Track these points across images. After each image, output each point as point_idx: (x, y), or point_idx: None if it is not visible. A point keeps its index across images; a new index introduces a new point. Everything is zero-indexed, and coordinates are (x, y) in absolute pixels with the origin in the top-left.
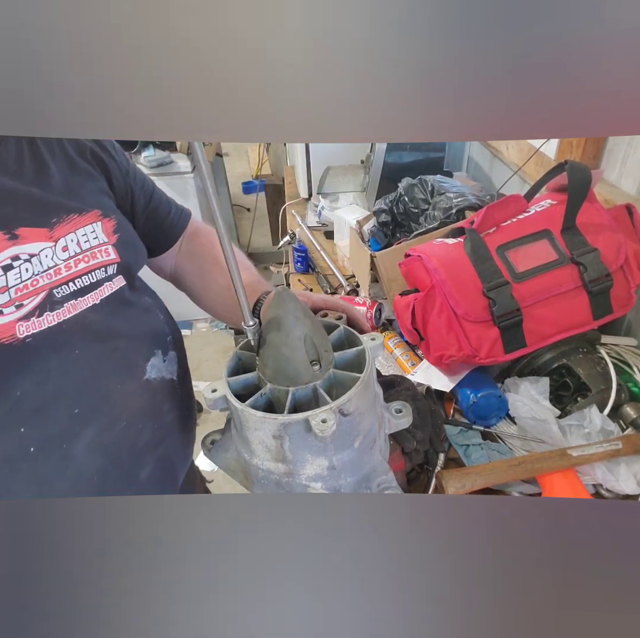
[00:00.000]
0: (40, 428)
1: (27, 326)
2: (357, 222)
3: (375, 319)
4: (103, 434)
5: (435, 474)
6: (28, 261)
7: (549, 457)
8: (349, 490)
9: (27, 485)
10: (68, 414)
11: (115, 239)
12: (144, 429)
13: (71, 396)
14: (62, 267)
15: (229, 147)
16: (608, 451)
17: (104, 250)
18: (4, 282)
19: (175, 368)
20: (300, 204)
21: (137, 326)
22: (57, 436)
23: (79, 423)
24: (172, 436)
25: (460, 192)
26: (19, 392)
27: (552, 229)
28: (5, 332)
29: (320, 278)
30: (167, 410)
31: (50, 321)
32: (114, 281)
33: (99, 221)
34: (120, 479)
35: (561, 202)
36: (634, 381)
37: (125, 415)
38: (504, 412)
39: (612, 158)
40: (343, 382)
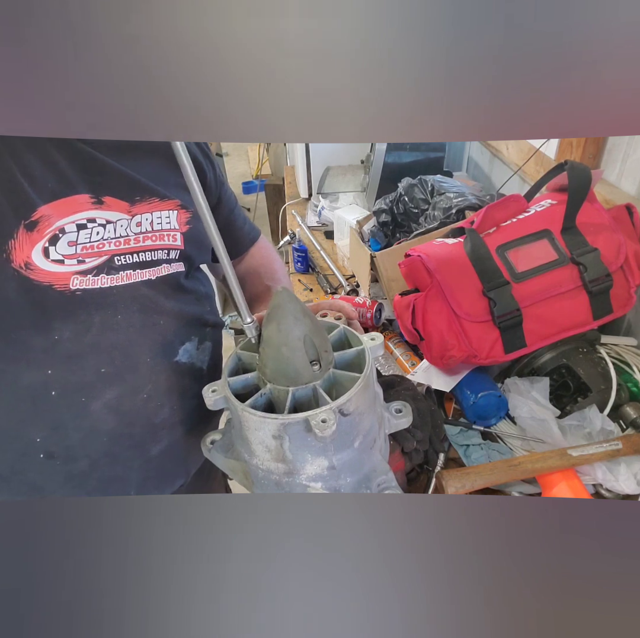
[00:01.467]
0: (65, 376)
1: (82, 281)
2: (357, 222)
3: (375, 319)
4: (122, 399)
5: (435, 474)
6: (102, 226)
7: (549, 457)
8: (348, 490)
9: (42, 425)
10: (94, 371)
11: (186, 229)
12: (163, 406)
13: (102, 355)
14: (131, 239)
15: (229, 147)
16: (608, 451)
17: (172, 235)
18: (74, 237)
19: (207, 358)
20: (300, 204)
21: (182, 309)
22: (79, 388)
23: (102, 382)
24: (191, 422)
25: (460, 192)
26: (57, 336)
27: (552, 229)
28: (60, 280)
29: (320, 278)
30: (191, 395)
31: (104, 282)
32: (173, 265)
33: (176, 210)
34: (130, 448)
35: (561, 202)
36: (634, 381)
37: (148, 388)
38: (504, 412)
39: (612, 158)
40: (343, 382)
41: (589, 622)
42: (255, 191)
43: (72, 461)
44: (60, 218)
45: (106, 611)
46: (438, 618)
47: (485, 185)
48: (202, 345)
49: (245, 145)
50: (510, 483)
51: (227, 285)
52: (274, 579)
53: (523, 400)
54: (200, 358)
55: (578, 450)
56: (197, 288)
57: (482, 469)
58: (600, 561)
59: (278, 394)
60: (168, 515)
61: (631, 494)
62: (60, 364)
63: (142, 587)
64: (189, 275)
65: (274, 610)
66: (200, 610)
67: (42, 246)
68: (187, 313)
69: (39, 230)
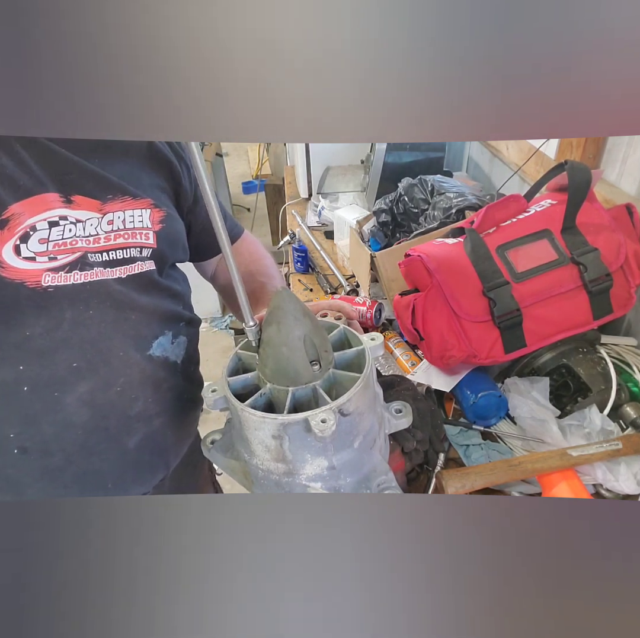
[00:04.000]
0: (37, 371)
1: (53, 277)
2: (357, 222)
3: (375, 319)
4: (95, 393)
5: (435, 474)
6: (73, 224)
7: (549, 457)
8: (348, 490)
9: (15, 420)
10: (66, 365)
11: (158, 228)
12: (137, 399)
13: (74, 350)
14: (102, 237)
15: (229, 147)
16: (608, 451)
17: (144, 234)
18: (46, 235)
19: (183, 353)
20: (300, 204)
21: (156, 305)
22: (51, 382)
23: (75, 376)
24: (167, 415)
25: (460, 192)
26: (29, 332)
27: (552, 229)
28: (31, 277)
29: (320, 278)
30: (167, 388)
31: (77, 279)
32: (147, 262)
33: (149, 209)
34: (105, 440)
35: (561, 202)
36: (634, 381)
37: (121, 381)
38: (504, 412)
39: (612, 158)
40: (343, 382)
41: (589, 622)
42: (255, 191)
43: (47, 456)
44: (31, 216)
45: (94, 612)
46: (438, 619)
47: (485, 185)
48: (177, 339)
49: (245, 145)
50: (510, 483)
51: (222, 289)
52: (274, 579)
53: (523, 399)
54: (175, 352)
55: (578, 450)
56: (171, 285)
57: (482, 469)
58: (601, 561)
59: (278, 395)
60: (165, 515)
61: (631, 494)
62: (32, 360)
63: (137, 589)
64: (162, 273)
65: (274, 610)
66: (200, 609)
67: (13, 244)
68: (160, 309)
69: (10, 228)
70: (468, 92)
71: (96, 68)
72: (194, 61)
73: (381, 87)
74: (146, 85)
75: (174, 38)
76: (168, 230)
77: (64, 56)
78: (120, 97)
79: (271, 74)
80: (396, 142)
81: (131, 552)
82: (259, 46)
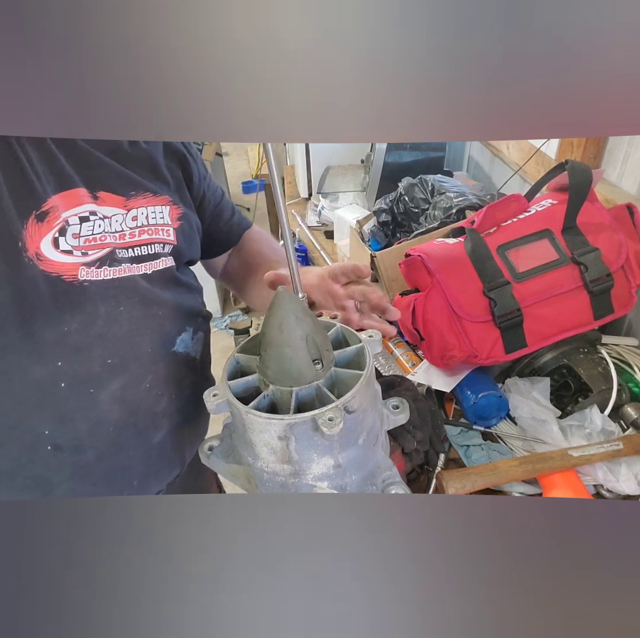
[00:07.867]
0: (74, 368)
1: (88, 272)
2: (357, 222)
3: None
4: (127, 389)
5: (436, 474)
6: (102, 219)
7: (549, 457)
8: (354, 487)
9: (50, 417)
10: (101, 361)
11: (177, 225)
12: (163, 395)
13: (108, 346)
14: (127, 233)
15: (229, 147)
16: (609, 452)
17: (165, 230)
18: (77, 230)
19: (200, 349)
20: (300, 204)
21: (178, 301)
22: (87, 379)
23: (108, 373)
24: (187, 411)
25: (461, 191)
26: (67, 328)
27: (552, 229)
28: (68, 271)
29: None
30: (187, 385)
31: (107, 274)
32: (168, 259)
33: (168, 205)
34: (133, 436)
35: (562, 201)
36: (635, 382)
37: (150, 378)
38: (505, 412)
39: (613, 158)
40: (344, 380)
41: (590, 622)
42: (255, 190)
43: (79, 453)
44: (66, 209)
45: (98, 612)
46: (438, 619)
47: (485, 185)
48: (196, 335)
49: (245, 145)
50: (510, 483)
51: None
52: (278, 580)
53: (524, 400)
54: (194, 348)
55: (579, 451)
56: (189, 280)
57: (482, 469)
58: (601, 562)
59: (281, 396)
60: (168, 514)
61: (632, 494)
62: (69, 356)
63: (137, 590)
64: (179, 269)
65: (276, 610)
66: (200, 609)
67: (52, 237)
68: (182, 305)
69: (49, 221)
70: (468, 91)
71: (96, 68)
72: (193, 61)
73: (381, 87)
74: (146, 85)
75: (172, 38)
76: (185, 227)
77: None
78: (121, 97)
79: (271, 73)
80: (396, 142)
81: (140, 554)
82: (258, 46)
